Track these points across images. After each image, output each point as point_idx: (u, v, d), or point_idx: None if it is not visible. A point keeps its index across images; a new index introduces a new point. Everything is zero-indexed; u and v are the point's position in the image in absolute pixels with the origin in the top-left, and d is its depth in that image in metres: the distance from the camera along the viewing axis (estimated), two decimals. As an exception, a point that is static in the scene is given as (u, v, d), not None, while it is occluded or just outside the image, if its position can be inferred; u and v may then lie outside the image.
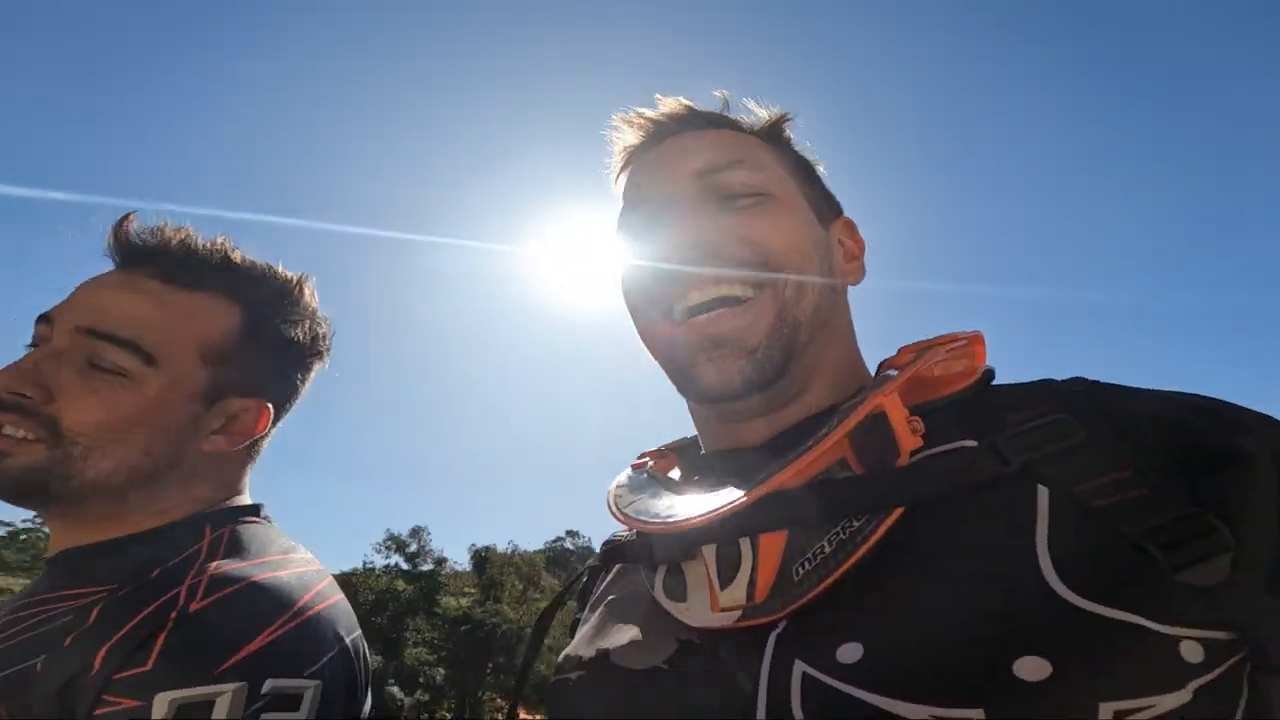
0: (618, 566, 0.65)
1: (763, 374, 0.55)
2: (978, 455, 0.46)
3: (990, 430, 0.47)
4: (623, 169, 0.67)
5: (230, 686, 0.58)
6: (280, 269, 0.84)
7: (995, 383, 0.55)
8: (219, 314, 0.76)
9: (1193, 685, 0.35)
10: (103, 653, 0.60)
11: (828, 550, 0.45)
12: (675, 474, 0.66)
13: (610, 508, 0.59)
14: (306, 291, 0.84)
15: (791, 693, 0.42)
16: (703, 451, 0.65)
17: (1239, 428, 0.43)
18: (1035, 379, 0.52)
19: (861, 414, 0.47)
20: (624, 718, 0.49)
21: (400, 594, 33.70)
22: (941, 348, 0.54)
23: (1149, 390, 0.48)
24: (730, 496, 0.49)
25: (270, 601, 0.65)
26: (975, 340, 0.56)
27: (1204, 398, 0.47)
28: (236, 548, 0.71)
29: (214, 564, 0.68)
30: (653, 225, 0.59)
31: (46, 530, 0.78)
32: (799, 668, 0.42)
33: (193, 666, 0.59)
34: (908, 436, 0.47)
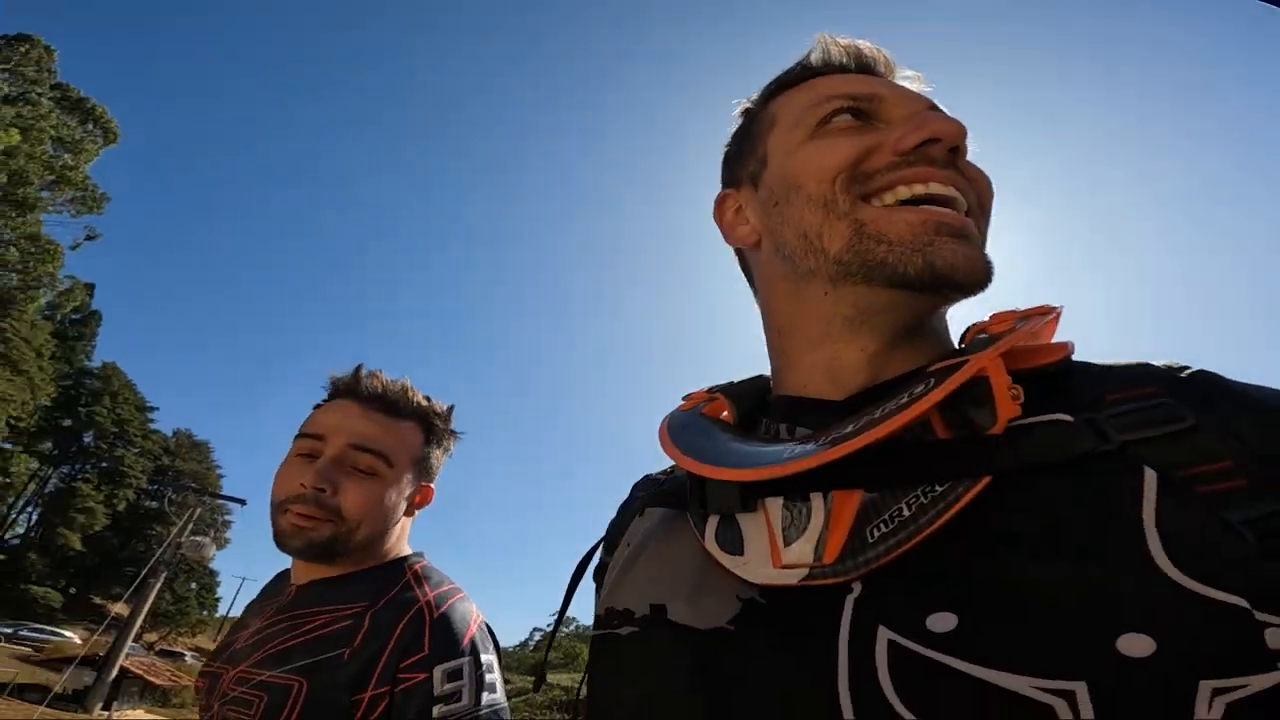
0: (656, 510, 0.61)
1: (985, 280, 0.51)
2: (1076, 430, 0.43)
3: (1084, 407, 0.45)
4: (832, 73, 0.62)
5: (466, 658, 0.98)
6: (437, 403, 1.26)
7: (1076, 359, 0.51)
8: (416, 433, 1.19)
9: None
10: (390, 646, 0.97)
11: (906, 514, 0.43)
12: (725, 415, 0.63)
13: (663, 442, 0.57)
14: (452, 418, 1.28)
15: (877, 660, 0.40)
16: (772, 393, 0.62)
17: None
18: (1125, 361, 0.50)
19: (965, 375, 0.44)
20: (694, 683, 0.46)
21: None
22: (1041, 317, 0.50)
23: (1255, 386, 0.45)
24: (809, 449, 0.46)
25: (466, 610, 1.07)
26: (1057, 316, 0.53)
27: None
28: (426, 577, 1.11)
29: (427, 589, 1.07)
30: (883, 110, 0.56)
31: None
32: (884, 634, 0.41)
33: (447, 648, 0.98)
34: (1008, 404, 0.43)
